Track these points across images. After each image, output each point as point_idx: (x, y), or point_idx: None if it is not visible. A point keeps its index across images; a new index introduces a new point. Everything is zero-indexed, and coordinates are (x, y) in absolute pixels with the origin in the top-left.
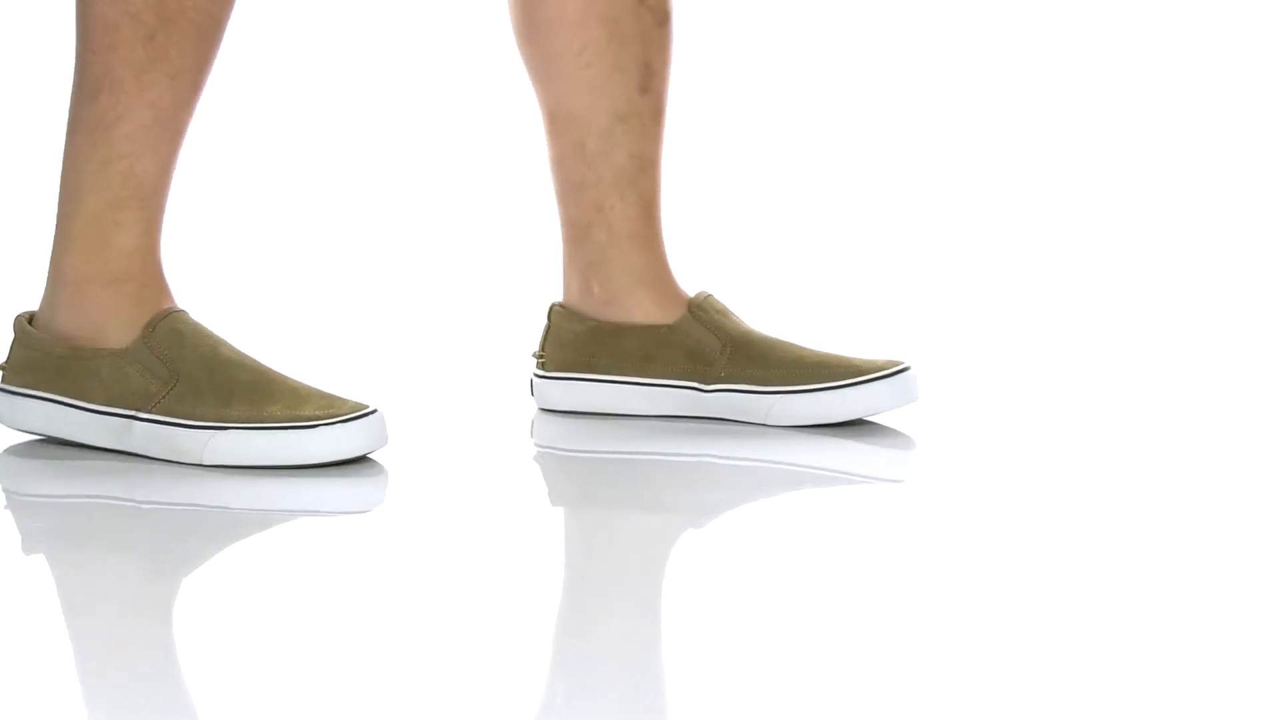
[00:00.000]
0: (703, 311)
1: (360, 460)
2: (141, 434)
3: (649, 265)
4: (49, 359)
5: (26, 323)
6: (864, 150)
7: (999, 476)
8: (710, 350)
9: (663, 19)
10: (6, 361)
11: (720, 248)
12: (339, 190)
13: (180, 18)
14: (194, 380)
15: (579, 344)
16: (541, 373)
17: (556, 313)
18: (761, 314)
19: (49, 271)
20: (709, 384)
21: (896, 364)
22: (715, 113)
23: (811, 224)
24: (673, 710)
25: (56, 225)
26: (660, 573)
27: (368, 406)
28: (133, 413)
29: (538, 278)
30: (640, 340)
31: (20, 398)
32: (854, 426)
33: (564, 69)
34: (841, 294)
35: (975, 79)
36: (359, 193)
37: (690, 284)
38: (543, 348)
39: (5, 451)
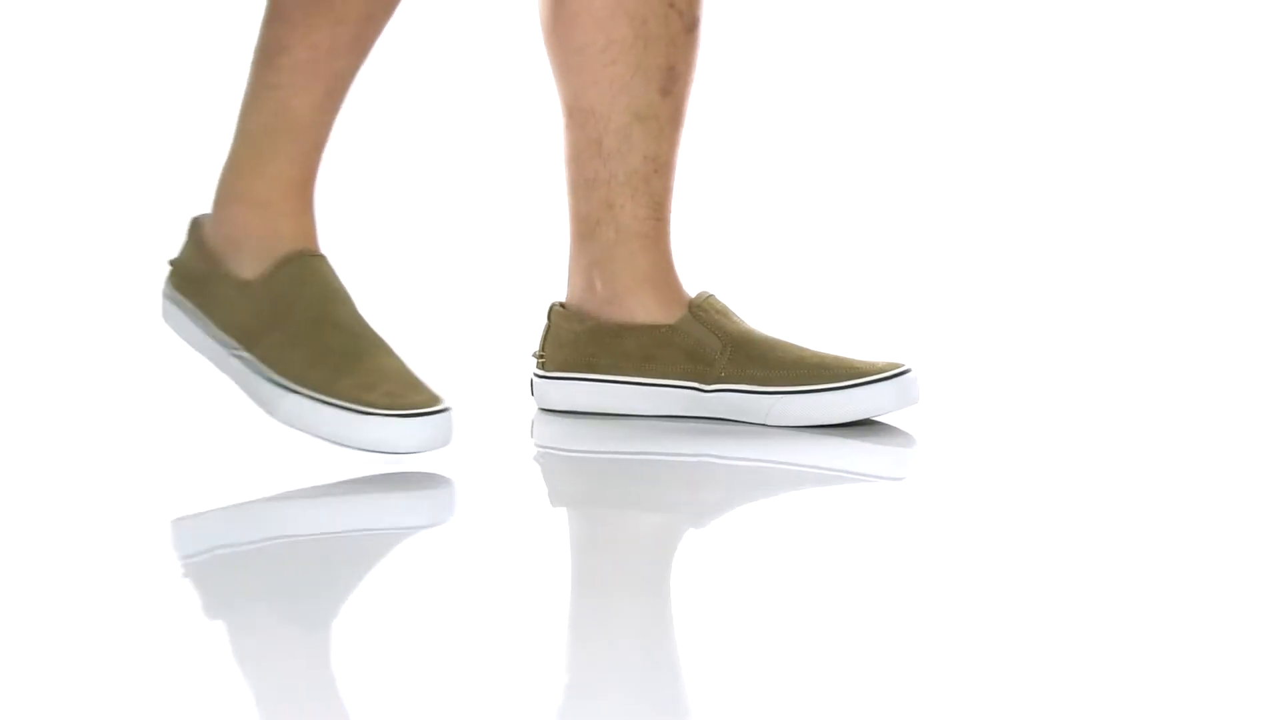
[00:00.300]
0: (703, 312)
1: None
2: (235, 370)
3: (654, 265)
4: (193, 270)
5: (194, 227)
6: (866, 153)
7: (999, 474)
8: (710, 350)
9: (691, 24)
10: (175, 259)
11: (722, 248)
12: (339, 190)
13: None
14: (295, 331)
15: (579, 344)
16: (541, 373)
17: (556, 313)
18: (763, 315)
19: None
20: (709, 384)
21: (897, 366)
22: (718, 115)
23: (813, 225)
24: (677, 709)
25: (232, 139)
26: (662, 572)
27: (439, 403)
28: (235, 346)
29: (538, 278)
30: (640, 340)
31: (173, 301)
32: (854, 425)
33: (588, 64)
34: (843, 296)
35: (974, 83)
36: (359, 193)
37: (692, 284)
38: (543, 348)
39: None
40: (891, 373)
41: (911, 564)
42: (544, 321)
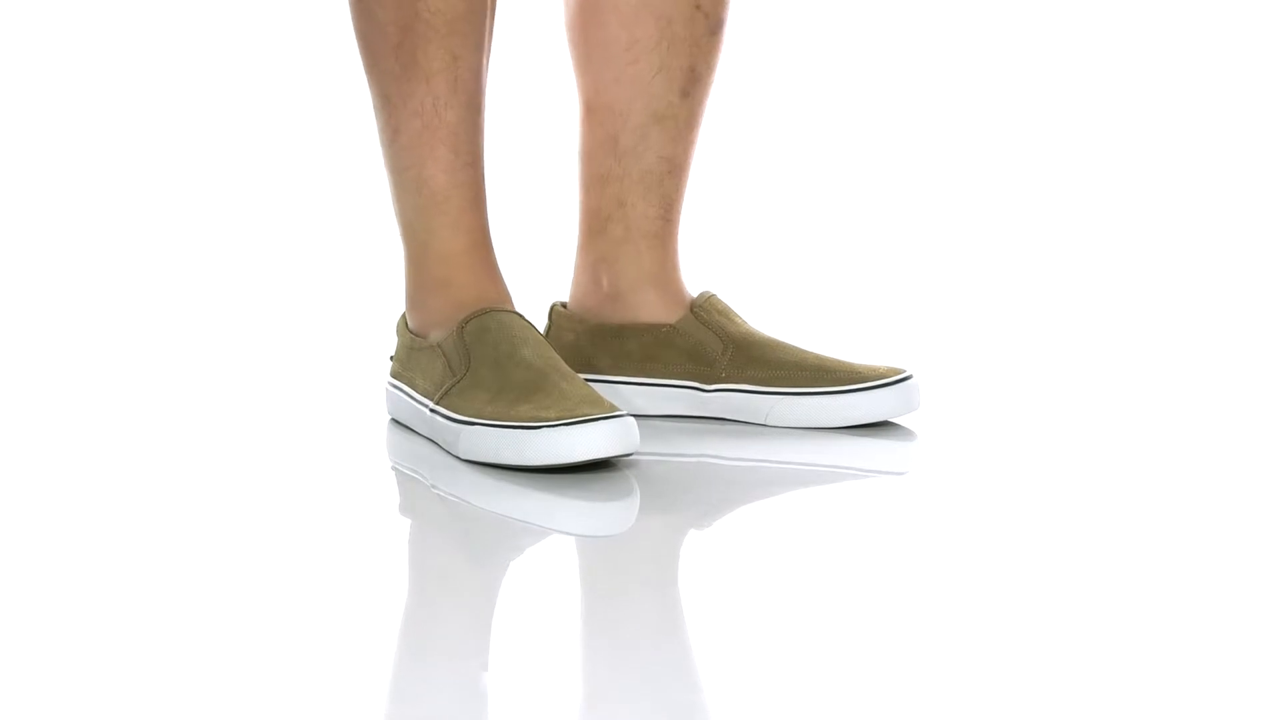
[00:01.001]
0: (705, 312)
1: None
2: (428, 423)
3: (659, 265)
4: (399, 355)
5: (400, 323)
6: (870, 157)
7: (1001, 468)
8: (712, 351)
9: (715, 27)
10: (394, 354)
11: (726, 249)
12: (339, 189)
13: (417, 21)
14: (479, 375)
15: (580, 344)
16: None
17: (557, 313)
18: (765, 316)
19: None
20: (710, 384)
21: (898, 371)
22: (724, 117)
23: (817, 228)
24: (683, 709)
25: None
26: (665, 572)
27: (615, 411)
28: (429, 402)
29: (538, 278)
30: (642, 340)
31: (389, 387)
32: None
33: (610, 61)
34: (846, 299)
35: (977, 90)
36: (359, 192)
37: (696, 284)
38: None
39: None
40: (893, 378)
41: (918, 558)
42: (545, 322)
